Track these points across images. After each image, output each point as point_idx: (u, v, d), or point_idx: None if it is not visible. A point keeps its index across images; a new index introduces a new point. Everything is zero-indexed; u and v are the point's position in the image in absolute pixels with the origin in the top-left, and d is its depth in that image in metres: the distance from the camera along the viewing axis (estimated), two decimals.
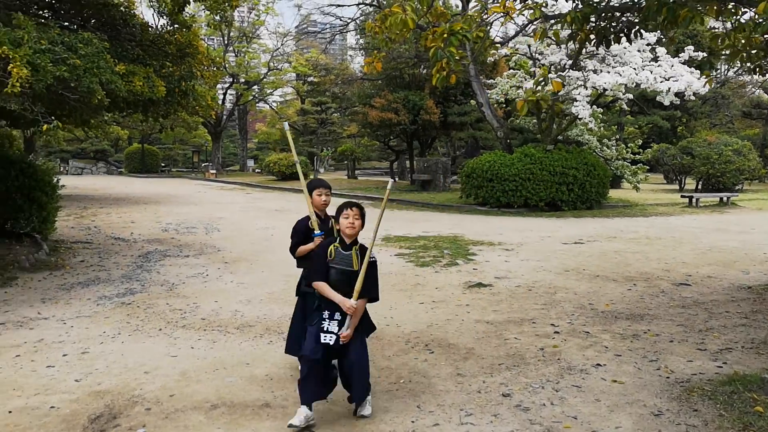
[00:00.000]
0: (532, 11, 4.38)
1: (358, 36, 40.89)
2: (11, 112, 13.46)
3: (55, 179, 12.11)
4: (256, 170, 47.34)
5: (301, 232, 5.10)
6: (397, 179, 35.96)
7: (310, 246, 4.90)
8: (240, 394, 4.83)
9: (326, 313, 4.39)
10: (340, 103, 45.22)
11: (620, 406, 4.62)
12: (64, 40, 7.39)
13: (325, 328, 4.34)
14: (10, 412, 4.47)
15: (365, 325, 4.71)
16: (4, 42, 6.69)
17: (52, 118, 10.85)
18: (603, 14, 4.72)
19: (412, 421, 4.35)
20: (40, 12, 9.54)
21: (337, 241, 4.56)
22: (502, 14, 4.72)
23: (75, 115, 10.59)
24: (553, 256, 11.25)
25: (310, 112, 44.11)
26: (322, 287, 4.40)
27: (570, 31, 4.80)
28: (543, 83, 4.23)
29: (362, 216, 4.61)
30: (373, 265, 4.51)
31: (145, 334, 6.41)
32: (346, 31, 36.78)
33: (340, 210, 4.60)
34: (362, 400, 4.44)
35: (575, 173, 19.52)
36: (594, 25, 4.77)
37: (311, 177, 36.35)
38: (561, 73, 19.01)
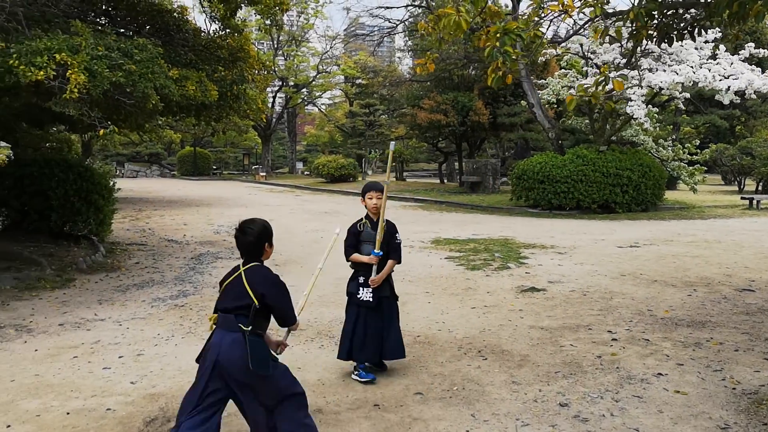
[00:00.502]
0: (592, 9, 4.23)
1: (407, 38, 40.87)
2: (69, 117, 13.82)
3: (111, 182, 12.40)
4: (305, 172, 47.78)
5: (351, 235, 5.37)
6: (445, 181, 35.78)
7: (365, 258, 5.25)
8: None
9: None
10: (388, 105, 45.23)
11: (684, 419, 4.42)
12: (120, 46, 7.52)
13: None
14: (68, 413, 4.53)
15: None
16: (63, 49, 6.83)
17: (109, 122, 11.09)
18: (666, 10, 4.54)
19: (467, 431, 4.25)
20: (97, 19, 9.75)
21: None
22: (559, 12, 4.59)
23: (130, 120, 10.77)
24: (608, 259, 10.97)
25: (358, 114, 44.26)
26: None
27: (630, 28, 4.63)
28: (604, 82, 4.06)
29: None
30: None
31: (198, 337, 6.46)
32: (395, 33, 36.74)
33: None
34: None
35: (630, 174, 19.06)
36: (656, 21, 4.59)
37: (360, 179, 36.51)
38: (618, 72, 18.58)
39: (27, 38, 6.92)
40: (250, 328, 3.64)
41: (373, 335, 5.23)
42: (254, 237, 3.80)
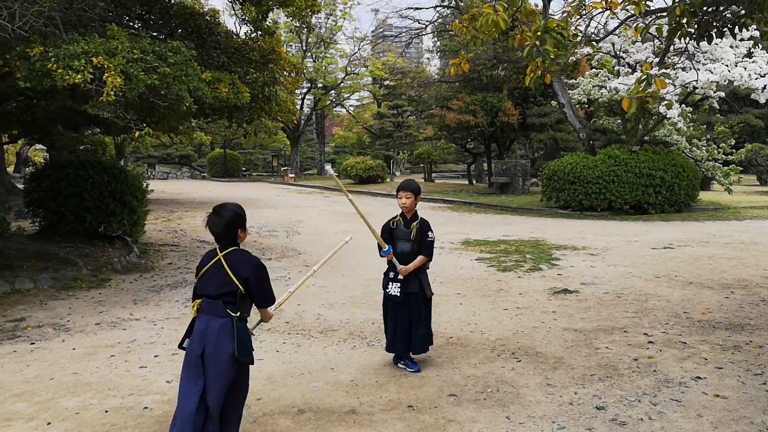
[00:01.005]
0: (635, 6, 4.16)
1: (435, 39, 40.79)
2: (104, 119, 14.08)
3: (144, 184, 12.57)
4: (334, 174, 47.91)
5: (384, 231, 5.64)
6: (474, 182, 35.62)
7: (382, 255, 5.52)
8: (326, 399, 4.82)
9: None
10: (417, 106, 45.16)
11: (725, 423, 4.34)
12: (154, 49, 7.62)
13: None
14: (106, 411, 4.60)
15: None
16: (100, 52, 6.94)
17: (143, 124, 11.25)
18: (708, 7, 4.45)
19: None
20: (131, 23, 9.89)
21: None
22: (601, 10, 4.53)
23: (164, 122, 10.92)
24: (642, 261, 10.81)
25: (387, 115, 44.28)
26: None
27: (671, 26, 4.55)
28: (645, 81, 3.99)
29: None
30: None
31: None
32: (423, 34, 36.71)
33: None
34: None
35: (663, 175, 18.76)
36: (697, 19, 4.50)
37: (388, 180, 36.53)
38: (661, 70, 18.32)
39: (65, 42, 7.04)
40: (237, 314, 3.71)
41: (401, 329, 5.46)
42: (227, 221, 3.87)
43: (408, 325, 5.46)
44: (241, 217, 3.89)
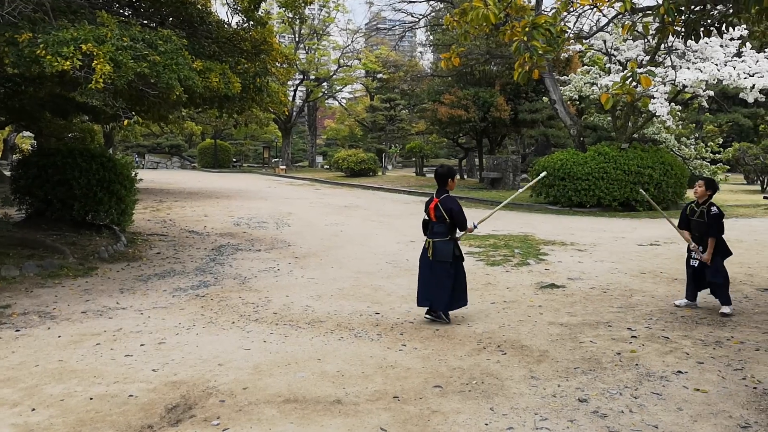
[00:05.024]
0: (621, 3, 4.19)
1: (428, 33, 40.72)
2: (93, 107, 13.99)
3: (133, 173, 12.51)
4: (325, 166, 47.86)
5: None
6: (465, 176, 35.66)
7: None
8: (312, 389, 4.84)
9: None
10: (409, 100, 45.10)
11: (704, 417, 4.40)
12: (144, 37, 7.58)
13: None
14: (91, 398, 4.60)
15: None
16: (89, 39, 6.90)
17: (132, 113, 11.20)
18: (695, 6, 4.48)
19: (486, 424, 4.26)
20: (121, 10, 9.83)
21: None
22: (589, 7, 4.55)
23: (153, 111, 10.88)
24: (628, 257, 10.90)
25: (379, 108, 44.18)
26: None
27: (657, 24, 4.58)
28: (631, 79, 4.02)
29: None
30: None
31: (218, 327, 6.52)
32: (417, 28, 36.64)
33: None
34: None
35: (651, 172, 18.88)
36: (685, 17, 4.54)
37: (380, 173, 36.48)
38: (646, 68, 18.41)
39: (54, 28, 6.99)
40: None
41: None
42: None
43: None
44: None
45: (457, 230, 6.80)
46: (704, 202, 7.33)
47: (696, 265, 7.39)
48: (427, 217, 6.90)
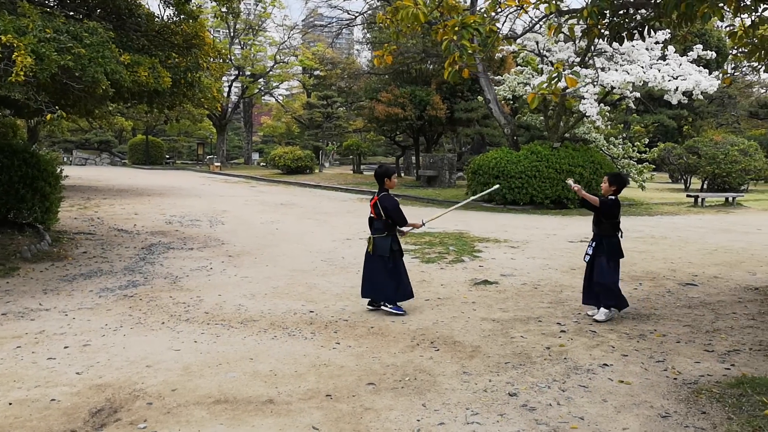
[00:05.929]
0: (546, 5, 4.28)
1: (365, 30, 40.75)
2: (15, 101, 13.39)
3: (59, 169, 12.07)
4: (261, 164, 47.33)
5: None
6: (402, 174, 35.86)
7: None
8: (243, 389, 4.77)
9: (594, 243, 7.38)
10: (346, 98, 45.13)
11: (627, 407, 4.55)
12: (69, 29, 7.32)
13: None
14: (10, 404, 4.42)
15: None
16: (9, 30, 6.62)
17: (56, 107, 10.78)
18: (618, 10, 4.63)
19: (418, 420, 4.29)
20: (46, 1, 9.47)
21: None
22: (515, 8, 4.64)
23: (79, 105, 10.52)
24: (559, 254, 11.17)
25: (316, 106, 44.02)
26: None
27: (583, 27, 4.71)
28: (557, 79, 4.12)
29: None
30: None
31: (147, 328, 6.36)
32: (354, 25, 36.60)
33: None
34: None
35: (582, 171, 19.41)
36: (608, 20, 4.68)
37: (317, 171, 36.32)
38: (572, 69, 18.89)
39: None
40: None
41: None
42: None
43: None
44: None
45: (404, 226, 7.15)
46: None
47: (587, 260, 7.26)
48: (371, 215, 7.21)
